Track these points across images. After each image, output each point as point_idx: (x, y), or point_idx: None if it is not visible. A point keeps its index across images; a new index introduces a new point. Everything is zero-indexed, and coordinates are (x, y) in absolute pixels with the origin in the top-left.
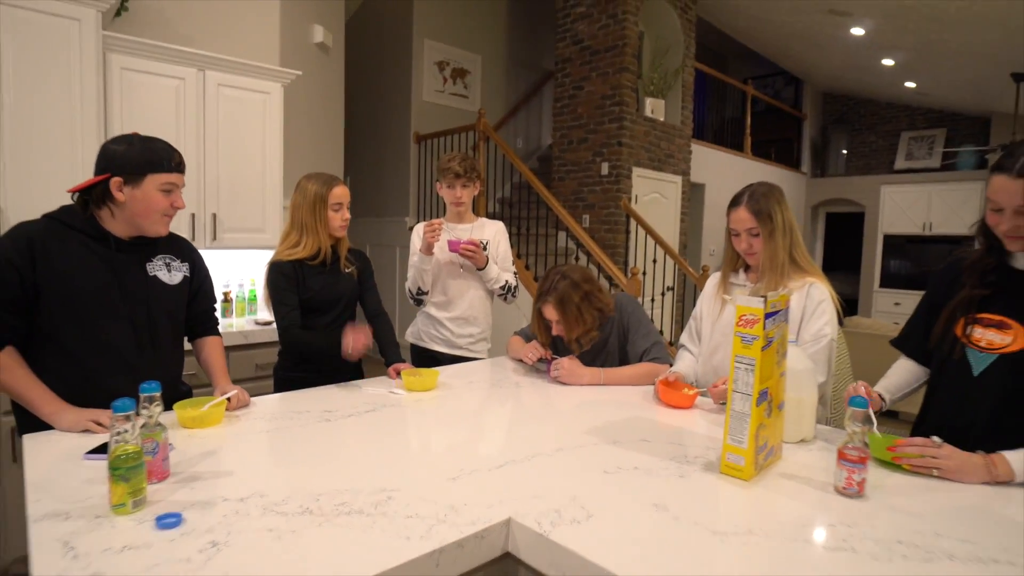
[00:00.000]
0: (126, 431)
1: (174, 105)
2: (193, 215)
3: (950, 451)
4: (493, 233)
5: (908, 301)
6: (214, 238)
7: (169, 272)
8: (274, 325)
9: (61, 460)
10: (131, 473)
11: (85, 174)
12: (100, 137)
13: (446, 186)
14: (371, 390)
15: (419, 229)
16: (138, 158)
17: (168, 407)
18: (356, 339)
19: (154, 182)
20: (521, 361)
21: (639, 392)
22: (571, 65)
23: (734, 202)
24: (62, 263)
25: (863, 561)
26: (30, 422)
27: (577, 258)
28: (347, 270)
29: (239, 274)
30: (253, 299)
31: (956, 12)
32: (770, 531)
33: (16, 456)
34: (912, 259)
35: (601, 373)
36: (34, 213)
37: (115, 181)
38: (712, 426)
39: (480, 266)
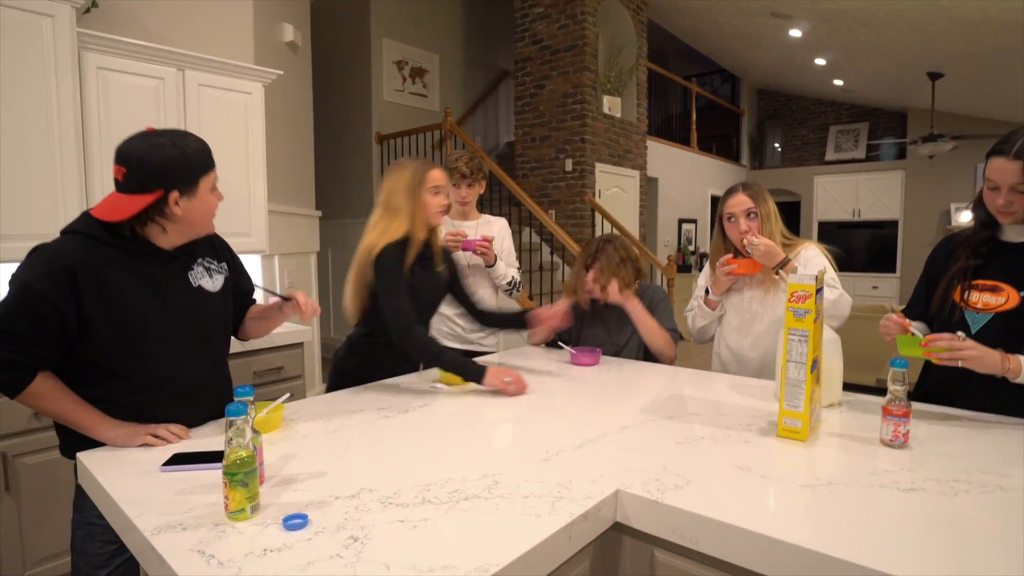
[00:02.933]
0: (241, 436)
1: (154, 107)
2: None
3: (972, 344)
4: (498, 230)
5: (843, 283)
6: None
7: (211, 278)
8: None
9: (137, 475)
10: (248, 478)
11: (65, 177)
12: (78, 139)
13: (452, 185)
14: (411, 387)
15: None
16: (187, 163)
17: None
18: (518, 386)
19: (207, 184)
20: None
21: (662, 377)
22: (531, 64)
23: (730, 191)
24: (111, 289)
25: (934, 498)
26: (73, 443)
27: (551, 253)
28: (439, 268)
29: None
30: None
31: (885, 17)
32: (848, 481)
33: (9, 484)
34: (843, 244)
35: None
36: (14, 219)
37: (173, 196)
38: (745, 398)
39: (490, 263)
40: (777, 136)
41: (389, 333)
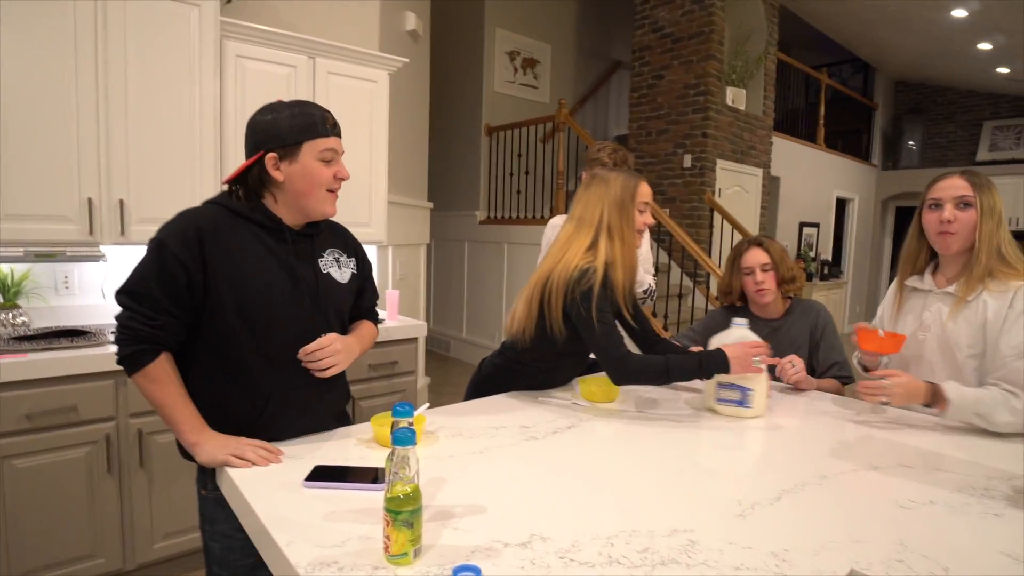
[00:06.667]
0: (406, 468)
1: (285, 94)
2: None
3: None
4: None
5: None
6: None
7: (340, 269)
8: (392, 323)
9: (280, 489)
10: (414, 517)
11: (203, 162)
12: (216, 127)
13: None
14: (551, 400)
15: (556, 223)
16: (290, 125)
17: (336, 411)
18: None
19: (312, 151)
20: None
21: (846, 411)
22: (650, 53)
23: (942, 175)
24: (235, 257)
25: None
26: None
27: (668, 255)
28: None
29: None
30: None
31: None
32: None
33: (143, 460)
34: None
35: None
36: (155, 202)
37: (270, 158)
38: (957, 450)
39: None
40: (916, 133)
41: (546, 359)
